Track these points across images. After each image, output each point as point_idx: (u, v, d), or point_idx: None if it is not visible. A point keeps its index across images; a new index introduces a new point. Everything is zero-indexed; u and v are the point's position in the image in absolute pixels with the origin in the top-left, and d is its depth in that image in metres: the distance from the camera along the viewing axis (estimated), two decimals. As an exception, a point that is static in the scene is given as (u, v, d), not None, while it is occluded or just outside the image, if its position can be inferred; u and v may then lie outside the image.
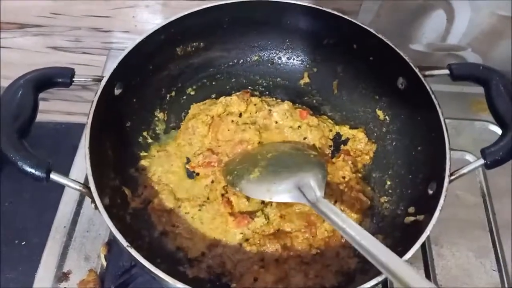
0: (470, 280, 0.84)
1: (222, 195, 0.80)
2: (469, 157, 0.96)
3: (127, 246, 0.59)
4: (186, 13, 0.82)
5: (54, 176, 0.61)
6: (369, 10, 1.01)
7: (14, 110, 0.65)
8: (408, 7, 1.00)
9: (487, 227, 0.90)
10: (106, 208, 0.63)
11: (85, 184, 0.64)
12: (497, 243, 0.88)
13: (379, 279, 0.60)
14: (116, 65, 0.75)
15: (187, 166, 0.84)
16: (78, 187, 0.63)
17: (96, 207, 0.63)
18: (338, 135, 0.90)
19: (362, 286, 0.60)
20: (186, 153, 0.85)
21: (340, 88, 0.93)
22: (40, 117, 0.68)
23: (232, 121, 0.87)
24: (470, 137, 1.01)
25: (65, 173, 0.89)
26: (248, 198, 0.79)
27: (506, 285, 0.83)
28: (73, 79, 0.71)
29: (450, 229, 0.88)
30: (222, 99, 0.89)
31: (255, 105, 0.89)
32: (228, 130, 0.86)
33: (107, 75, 0.73)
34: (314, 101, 0.94)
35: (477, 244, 0.88)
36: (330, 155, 0.88)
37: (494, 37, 1.05)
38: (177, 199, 0.80)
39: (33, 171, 0.60)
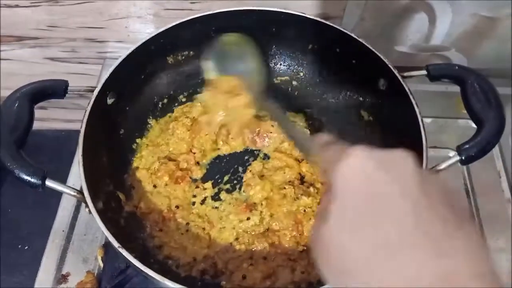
0: (454, 273, 0.86)
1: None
2: (452, 154, 0.97)
3: (119, 247, 0.62)
4: (174, 23, 0.85)
5: (49, 183, 0.65)
6: (353, 14, 1.03)
7: (12, 122, 0.68)
8: (391, 10, 1.02)
9: (470, 221, 0.92)
10: (100, 212, 0.66)
11: (80, 190, 0.67)
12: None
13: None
14: (108, 75, 0.78)
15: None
16: (72, 193, 0.66)
17: (90, 212, 0.66)
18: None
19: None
20: (161, 152, 0.88)
21: (326, 91, 0.96)
22: (39, 125, 0.71)
23: None
24: (455, 135, 1.03)
25: (65, 179, 0.93)
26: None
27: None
28: (67, 90, 0.75)
29: (434, 224, 0.91)
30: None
31: None
32: (207, 134, 0.89)
33: (99, 85, 0.77)
34: (301, 104, 0.97)
35: (461, 238, 0.90)
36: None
37: (477, 37, 1.07)
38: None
39: (29, 178, 0.64)
